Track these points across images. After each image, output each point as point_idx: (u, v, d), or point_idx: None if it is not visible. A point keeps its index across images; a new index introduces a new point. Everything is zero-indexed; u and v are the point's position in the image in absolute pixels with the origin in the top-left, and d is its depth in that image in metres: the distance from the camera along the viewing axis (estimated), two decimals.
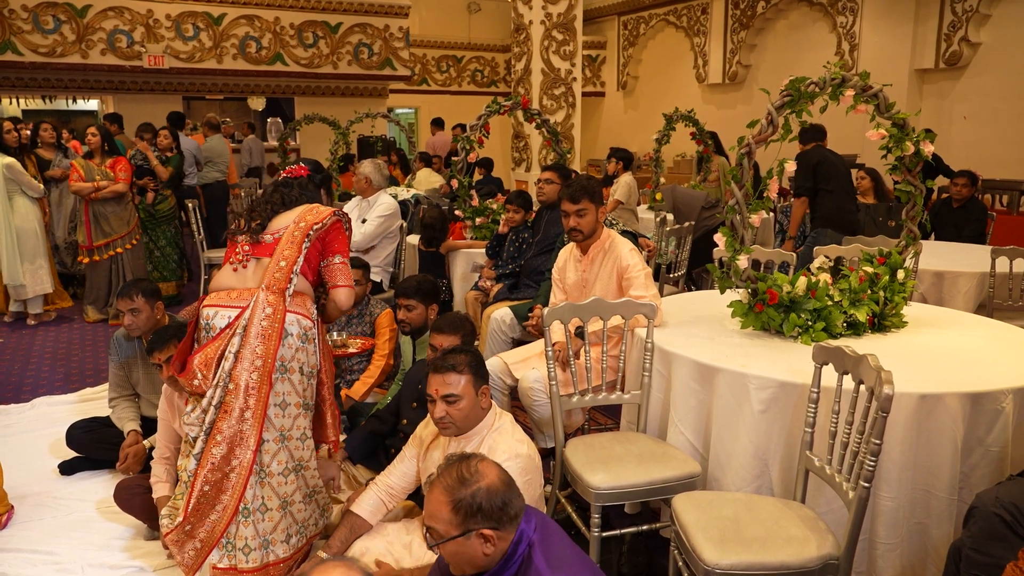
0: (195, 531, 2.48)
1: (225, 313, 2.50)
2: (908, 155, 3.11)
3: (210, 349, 2.46)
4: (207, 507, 2.46)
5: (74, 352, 5.52)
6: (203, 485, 2.44)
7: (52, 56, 9.81)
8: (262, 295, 2.48)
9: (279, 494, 2.54)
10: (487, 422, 2.42)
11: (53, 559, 2.82)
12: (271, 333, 2.46)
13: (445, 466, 1.75)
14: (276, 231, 2.61)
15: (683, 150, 11.46)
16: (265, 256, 2.58)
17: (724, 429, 2.53)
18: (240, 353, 2.44)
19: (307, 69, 11.33)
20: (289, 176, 2.80)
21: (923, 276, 4.49)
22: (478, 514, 1.66)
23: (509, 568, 1.71)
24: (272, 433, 2.51)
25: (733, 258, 2.89)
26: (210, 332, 2.50)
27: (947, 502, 2.27)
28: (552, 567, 1.67)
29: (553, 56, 8.69)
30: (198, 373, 2.44)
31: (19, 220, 6.02)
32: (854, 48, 10.29)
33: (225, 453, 2.44)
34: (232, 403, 2.43)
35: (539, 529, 1.74)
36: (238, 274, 2.58)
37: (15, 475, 3.31)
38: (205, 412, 2.45)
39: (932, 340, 2.88)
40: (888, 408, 1.91)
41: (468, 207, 5.57)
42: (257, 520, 2.50)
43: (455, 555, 1.71)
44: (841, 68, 2.93)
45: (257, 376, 2.44)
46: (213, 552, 2.49)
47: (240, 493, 2.46)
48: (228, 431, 2.43)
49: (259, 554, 2.50)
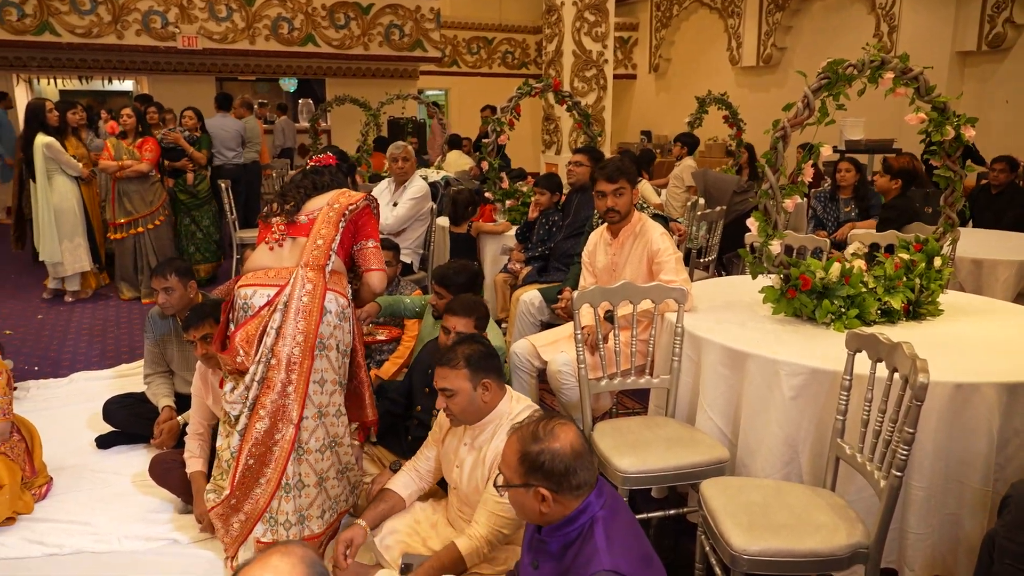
0: (240, 504, 2.54)
1: (264, 292, 2.53)
2: (948, 140, 3.04)
3: (251, 326, 2.50)
4: (251, 480, 2.51)
5: (110, 329, 5.63)
6: (247, 459, 2.49)
7: (88, 37, 9.95)
8: (302, 272, 2.52)
9: (316, 470, 2.59)
10: (502, 410, 2.38)
11: (90, 530, 2.89)
12: (312, 309, 2.50)
13: (528, 419, 1.81)
14: (310, 212, 2.66)
15: (715, 134, 11.32)
16: (301, 236, 2.62)
17: (754, 415, 2.51)
18: (282, 329, 2.48)
19: (338, 50, 11.36)
20: (318, 165, 2.86)
21: (961, 263, 4.40)
22: (539, 472, 1.70)
23: (568, 531, 1.73)
24: (311, 410, 2.56)
25: (766, 243, 2.86)
26: (248, 312, 2.54)
27: (981, 493, 2.23)
28: (611, 547, 1.67)
29: (585, 38, 8.60)
30: (240, 350, 2.48)
31: (57, 199, 6.13)
32: (893, 30, 10.05)
33: (268, 427, 2.49)
34: (275, 378, 2.48)
35: (608, 507, 1.74)
36: (274, 253, 2.62)
37: (54, 448, 3.39)
38: (248, 388, 2.49)
39: (969, 329, 2.83)
40: (922, 397, 1.88)
41: (498, 189, 5.56)
42: (295, 496, 2.55)
43: (515, 502, 1.79)
44: (880, 50, 2.86)
45: (299, 351, 2.49)
46: (257, 526, 2.55)
47: (283, 467, 2.51)
48: (271, 405, 2.48)
49: (297, 529, 2.56)
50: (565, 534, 1.74)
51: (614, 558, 1.64)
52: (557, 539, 1.75)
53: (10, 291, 6.72)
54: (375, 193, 5.61)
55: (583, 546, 1.70)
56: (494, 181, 5.59)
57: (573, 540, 1.73)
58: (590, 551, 1.67)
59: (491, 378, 2.35)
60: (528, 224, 4.96)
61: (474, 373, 2.32)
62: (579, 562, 1.68)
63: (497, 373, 2.39)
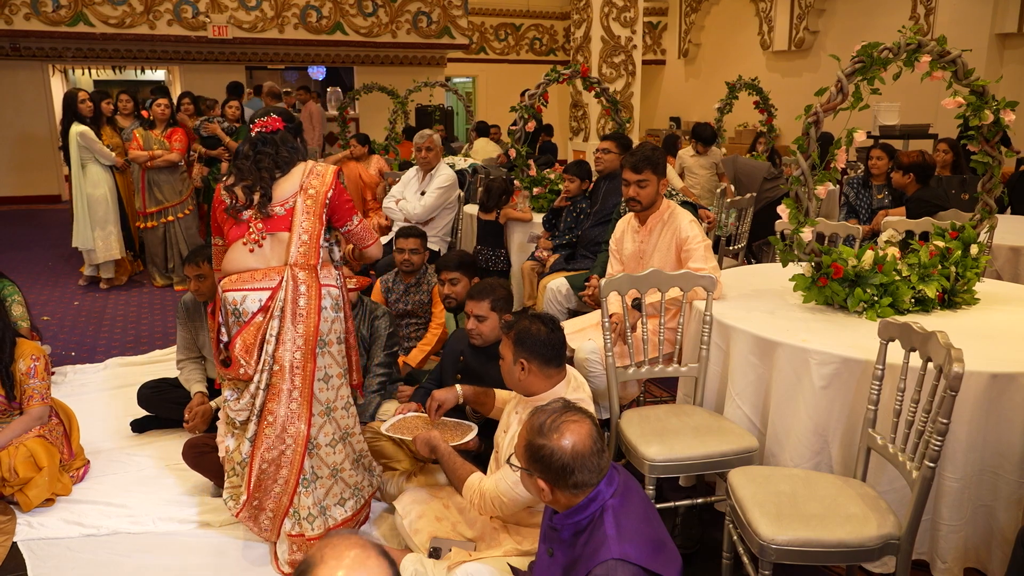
0: (263, 504, 2.56)
1: (255, 297, 2.46)
2: (987, 124, 2.97)
3: (247, 334, 2.45)
4: (269, 483, 2.53)
5: (144, 315, 5.73)
6: (261, 464, 2.50)
7: (121, 27, 10.08)
8: (293, 273, 2.46)
9: (328, 463, 2.61)
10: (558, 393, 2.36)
11: (126, 512, 2.95)
12: (310, 310, 2.47)
13: (549, 407, 1.82)
14: (283, 201, 2.51)
15: (745, 120, 11.18)
16: (280, 231, 2.49)
17: (783, 404, 2.49)
18: (281, 335, 2.44)
19: (366, 38, 11.39)
20: (264, 131, 2.57)
21: (998, 251, 4.30)
22: (538, 463, 1.74)
23: (578, 519, 1.75)
24: (318, 407, 2.55)
25: (797, 230, 2.82)
26: (240, 318, 2.47)
27: (1016, 484, 2.19)
28: (620, 534, 1.67)
29: (613, 23, 8.52)
30: (241, 360, 2.44)
31: (90, 187, 6.24)
32: (930, 12, 9.83)
33: (279, 432, 2.49)
34: (279, 384, 2.46)
35: (619, 495, 1.75)
36: (255, 254, 2.49)
37: (90, 431, 3.47)
38: (254, 396, 2.48)
39: (1005, 318, 2.77)
40: (957, 387, 1.85)
41: (526, 177, 5.55)
42: (312, 489, 2.57)
43: (523, 481, 1.85)
44: (916, 33, 2.80)
45: (301, 355, 2.47)
46: (285, 520, 2.58)
47: (299, 466, 2.52)
48: (279, 411, 2.48)
49: (320, 520, 2.59)
50: (576, 522, 1.76)
51: (623, 545, 1.66)
52: (569, 527, 1.77)
53: (48, 278, 6.86)
54: (403, 182, 5.63)
55: (593, 533, 1.71)
56: (522, 169, 5.58)
57: (584, 528, 1.74)
58: (599, 539, 1.68)
59: (529, 359, 2.34)
60: (554, 210, 4.95)
61: (518, 349, 2.35)
62: (588, 550, 1.70)
63: (541, 361, 2.35)
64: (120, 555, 2.71)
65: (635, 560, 1.63)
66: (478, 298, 2.92)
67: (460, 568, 2.21)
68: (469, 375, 2.99)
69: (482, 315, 2.90)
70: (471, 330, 2.92)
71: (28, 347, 3.05)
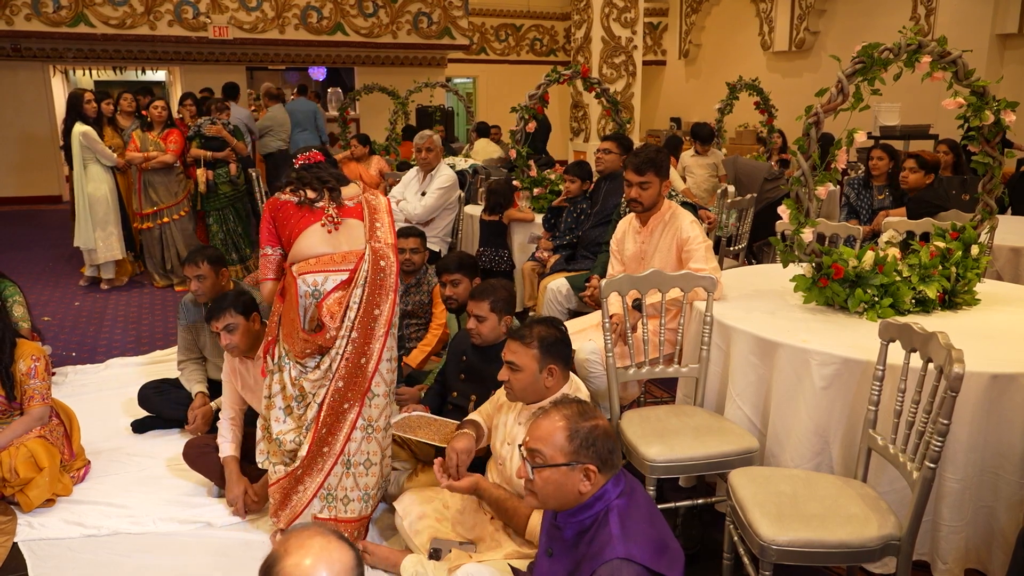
0: (304, 477, 2.60)
1: (335, 277, 2.57)
2: (987, 125, 2.97)
3: (332, 302, 2.54)
4: (318, 450, 2.57)
5: (144, 316, 5.73)
6: (321, 428, 2.56)
7: (122, 28, 10.09)
8: (374, 248, 2.58)
9: (383, 447, 2.68)
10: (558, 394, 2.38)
11: (126, 512, 2.95)
12: (389, 285, 2.58)
13: (561, 400, 1.81)
14: (349, 198, 2.71)
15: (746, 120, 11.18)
16: (353, 218, 2.66)
17: (784, 405, 2.49)
18: (363, 304, 2.55)
19: (367, 39, 11.39)
20: (309, 162, 2.77)
21: (999, 252, 4.30)
22: (591, 448, 1.69)
23: (582, 518, 1.74)
24: (382, 388, 2.63)
25: (797, 231, 2.82)
26: (319, 297, 2.57)
27: (1017, 485, 2.19)
28: (625, 534, 1.67)
29: (614, 24, 8.53)
30: (328, 322, 2.53)
31: (91, 187, 6.24)
32: (931, 12, 9.83)
33: (339, 400, 2.56)
34: (354, 351, 2.55)
35: (625, 496, 1.75)
36: (332, 236, 2.63)
37: (91, 432, 3.47)
38: (334, 360, 2.55)
39: (1006, 318, 2.77)
40: (958, 388, 1.85)
41: (526, 177, 5.55)
42: (360, 474, 2.62)
43: (551, 483, 1.71)
44: (917, 33, 2.80)
45: (381, 329, 2.57)
46: (315, 501, 2.60)
47: (344, 442, 2.58)
48: (349, 377, 2.56)
49: (358, 506, 2.64)
50: (580, 521, 1.74)
51: (628, 545, 1.65)
52: (572, 526, 1.76)
53: (49, 278, 6.86)
54: (403, 182, 5.64)
55: (597, 533, 1.70)
56: (522, 169, 5.58)
57: (588, 527, 1.73)
58: (604, 538, 1.68)
59: (558, 365, 2.38)
60: (554, 210, 4.94)
61: (544, 355, 2.34)
62: (592, 549, 1.69)
63: (565, 361, 2.41)
64: (121, 555, 2.71)
65: (640, 560, 1.63)
66: (478, 298, 2.94)
67: (460, 570, 2.21)
68: (472, 375, 3.01)
69: (482, 315, 2.91)
70: (471, 330, 2.94)
71: (28, 347, 3.05)
